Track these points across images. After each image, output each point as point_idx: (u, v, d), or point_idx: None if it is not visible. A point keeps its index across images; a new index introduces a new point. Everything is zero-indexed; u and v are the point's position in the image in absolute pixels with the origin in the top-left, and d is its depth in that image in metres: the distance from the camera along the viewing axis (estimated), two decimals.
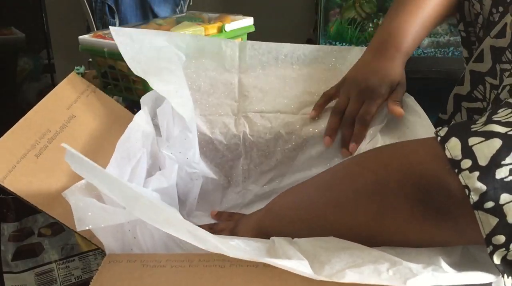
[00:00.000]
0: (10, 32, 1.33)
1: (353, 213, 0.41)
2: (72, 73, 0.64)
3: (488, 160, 0.33)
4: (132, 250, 0.45)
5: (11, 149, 0.49)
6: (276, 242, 0.43)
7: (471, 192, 0.32)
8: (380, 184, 0.39)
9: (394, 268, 0.36)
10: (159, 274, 0.39)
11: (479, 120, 0.36)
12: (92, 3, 1.52)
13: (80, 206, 0.42)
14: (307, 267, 0.36)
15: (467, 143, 0.34)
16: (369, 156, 0.45)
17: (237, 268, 0.39)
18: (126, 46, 0.66)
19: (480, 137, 0.34)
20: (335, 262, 0.37)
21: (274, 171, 0.73)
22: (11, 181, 0.47)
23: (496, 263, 0.33)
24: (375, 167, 0.41)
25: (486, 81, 0.57)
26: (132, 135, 0.58)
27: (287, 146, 0.71)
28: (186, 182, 0.67)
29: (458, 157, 0.34)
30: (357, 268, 0.36)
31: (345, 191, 0.42)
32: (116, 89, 0.80)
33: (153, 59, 0.67)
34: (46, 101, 0.57)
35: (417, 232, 0.38)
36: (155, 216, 0.39)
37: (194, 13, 0.97)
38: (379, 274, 0.35)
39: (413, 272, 0.35)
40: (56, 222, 0.55)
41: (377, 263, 0.36)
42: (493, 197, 0.32)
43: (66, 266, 0.56)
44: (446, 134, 0.36)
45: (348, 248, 0.39)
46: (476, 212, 0.32)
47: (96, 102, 0.64)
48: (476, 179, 0.32)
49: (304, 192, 0.49)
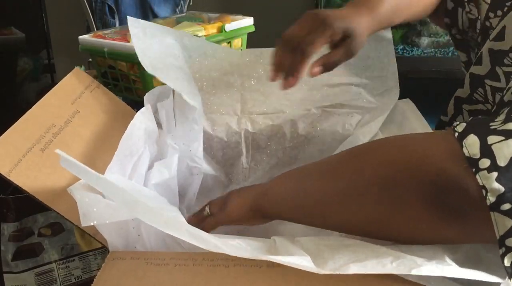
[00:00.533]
0: (10, 32, 1.33)
1: (361, 206, 0.40)
2: (76, 68, 0.64)
3: (507, 160, 0.32)
4: (135, 247, 0.45)
5: (16, 143, 0.49)
6: (277, 241, 0.43)
7: (488, 193, 0.32)
8: (392, 180, 0.38)
9: (398, 260, 0.35)
10: (163, 272, 0.39)
11: (498, 118, 0.35)
12: (92, 3, 1.52)
13: (86, 202, 0.42)
14: (310, 262, 0.36)
15: (486, 141, 0.33)
16: (378, 147, 0.43)
17: (241, 267, 0.39)
18: (139, 38, 0.66)
19: (499, 136, 0.33)
20: (338, 258, 0.37)
21: (276, 169, 0.73)
22: (16, 175, 0.46)
23: (506, 265, 0.32)
24: (386, 160, 0.40)
25: (486, 83, 0.57)
26: (134, 132, 0.58)
27: (288, 144, 0.71)
28: (186, 175, 0.67)
29: (477, 155, 0.33)
30: (361, 262, 0.36)
31: (354, 182, 0.41)
32: (116, 89, 0.80)
33: (162, 54, 0.67)
34: (50, 96, 0.57)
35: (427, 230, 0.37)
36: (154, 218, 0.39)
37: (194, 13, 0.97)
38: (383, 266, 0.35)
39: (417, 263, 0.35)
40: (56, 222, 0.56)
41: (381, 257, 0.36)
42: (510, 199, 0.31)
43: (66, 266, 0.56)
44: (464, 130, 0.35)
45: (351, 245, 0.39)
46: (492, 214, 0.32)
47: (100, 98, 0.64)
48: (494, 179, 0.32)
49: (306, 178, 0.47)
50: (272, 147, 0.71)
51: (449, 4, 0.67)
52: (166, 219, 0.39)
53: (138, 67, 0.74)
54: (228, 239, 0.42)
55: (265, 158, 0.72)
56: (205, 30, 0.82)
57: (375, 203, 0.39)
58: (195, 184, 0.69)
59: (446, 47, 1.28)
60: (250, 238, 0.45)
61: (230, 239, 0.42)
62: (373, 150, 0.43)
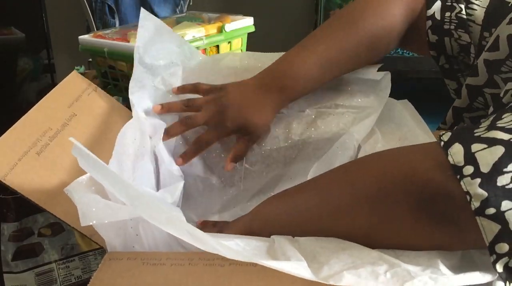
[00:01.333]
0: (10, 32, 1.33)
1: (354, 220, 0.41)
2: (73, 71, 0.64)
3: (490, 166, 0.33)
4: (134, 247, 0.45)
5: (12, 146, 0.49)
6: (276, 240, 0.43)
7: (472, 198, 0.33)
8: (383, 192, 0.39)
9: (392, 270, 0.36)
10: (159, 272, 0.39)
11: (483, 124, 0.36)
12: (92, 3, 1.53)
13: (84, 202, 0.42)
14: (306, 268, 0.37)
15: (470, 149, 0.34)
16: (370, 161, 0.44)
17: (237, 267, 0.39)
18: (145, 32, 0.67)
19: (483, 144, 0.34)
20: (333, 263, 0.37)
21: (270, 169, 0.72)
22: (12, 178, 0.47)
23: (499, 271, 0.33)
24: (376, 174, 0.41)
25: (485, 92, 0.57)
26: (130, 131, 0.58)
27: (283, 144, 0.71)
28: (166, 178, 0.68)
29: (461, 163, 0.34)
30: (355, 270, 0.36)
31: (346, 196, 0.42)
32: (116, 89, 0.80)
33: (159, 54, 0.68)
34: (47, 99, 0.57)
35: (420, 238, 0.38)
36: (156, 214, 0.39)
37: (194, 13, 0.97)
38: (376, 277, 0.35)
39: (411, 275, 0.35)
40: (56, 222, 0.56)
41: (376, 264, 0.36)
42: (494, 203, 0.32)
43: (66, 266, 0.56)
44: (449, 139, 0.36)
45: (347, 248, 0.40)
46: (478, 218, 0.32)
47: (97, 101, 0.64)
48: (478, 185, 0.32)
49: (298, 195, 0.48)
50: (267, 147, 0.71)
51: (431, 37, 0.64)
52: (168, 215, 0.39)
53: None
54: (227, 238, 0.42)
55: (260, 158, 0.72)
56: (205, 30, 0.82)
57: (367, 215, 0.40)
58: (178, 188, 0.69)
59: None
60: (249, 236, 0.45)
61: (229, 239, 0.42)
62: (364, 164, 0.45)
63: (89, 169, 0.42)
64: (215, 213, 0.72)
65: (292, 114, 0.72)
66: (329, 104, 0.71)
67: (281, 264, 0.36)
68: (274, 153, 0.71)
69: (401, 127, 0.66)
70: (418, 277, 0.35)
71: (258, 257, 0.38)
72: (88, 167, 0.42)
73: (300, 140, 0.70)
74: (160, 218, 0.39)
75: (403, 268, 0.36)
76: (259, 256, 0.39)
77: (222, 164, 0.72)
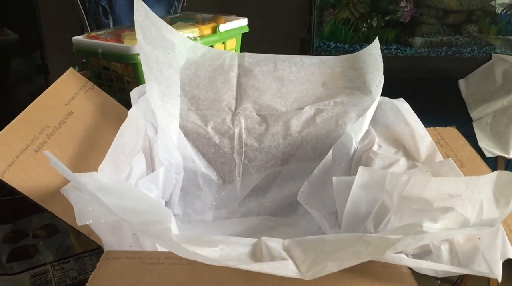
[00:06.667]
0: (3, 33, 1.32)
1: None
2: (70, 69, 0.64)
3: None
4: (130, 246, 0.45)
5: (10, 143, 0.49)
6: (263, 241, 0.43)
7: None
8: None
9: (373, 244, 0.36)
10: (158, 272, 0.39)
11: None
12: (85, 4, 1.52)
13: (80, 202, 0.42)
14: (292, 267, 0.37)
15: None
16: None
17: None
18: (141, 17, 0.68)
19: None
20: (319, 259, 0.38)
21: (269, 166, 0.73)
22: (10, 175, 0.46)
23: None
24: None
25: None
26: (127, 131, 0.58)
27: (282, 141, 0.71)
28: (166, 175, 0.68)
29: None
30: (339, 260, 0.36)
31: None
32: (110, 90, 0.80)
33: (157, 38, 0.68)
34: (44, 97, 0.57)
35: None
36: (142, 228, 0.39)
37: (188, 14, 0.97)
38: (358, 255, 0.36)
39: (392, 242, 0.35)
40: (50, 223, 0.55)
41: (356, 246, 0.37)
42: None
43: (61, 267, 0.56)
44: None
45: (332, 241, 0.40)
46: None
47: (94, 99, 0.64)
48: None
49: None
50: (266, 144, 0.72)
51: None
52: (154, 231, 0.39)
53: (132, 68, 0.74)
54: (213, 244, 0.42)
55: (258, 155, 0.72)
56: (199, 31, 0.82)
57: None
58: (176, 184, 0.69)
59: (439, 47, 1.29)
60: (238, 238, 0.45)
61: (214, 244, 0.42)
62: None
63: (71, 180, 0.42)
64: (212, 208, 0.73)
65: (291, 112, 0.72)
66: (328, 102, 0.72)
67: (265, 267, 0.37)
68: (273, 149, 0.72)
69: (397, 127, 0.66)
70: (399, 242, 0.35)
71: (242, 263, 0.38)
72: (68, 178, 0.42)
73: (299, 138, 0.71)
74: (148, 231, 0.39)
75: (384, 239, 0.36)
76: (244, 262, 0.39)
77: (221, 159, 0.72)
